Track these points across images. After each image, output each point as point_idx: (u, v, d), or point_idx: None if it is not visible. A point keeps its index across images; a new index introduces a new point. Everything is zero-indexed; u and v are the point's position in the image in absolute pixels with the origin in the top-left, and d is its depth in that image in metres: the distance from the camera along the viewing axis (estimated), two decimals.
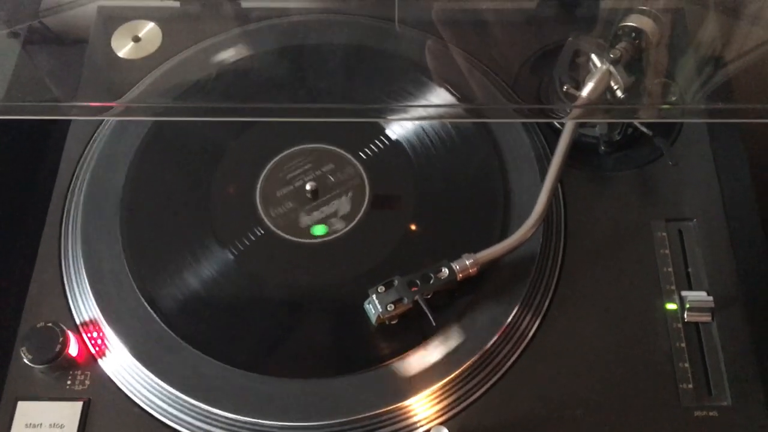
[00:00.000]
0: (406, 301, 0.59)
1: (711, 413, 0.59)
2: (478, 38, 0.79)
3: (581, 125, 0.70)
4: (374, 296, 0.59)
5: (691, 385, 0.60)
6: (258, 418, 0.58)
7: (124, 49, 0.80)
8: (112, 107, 0.74)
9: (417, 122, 0.71)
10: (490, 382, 0.61)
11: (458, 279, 0.60)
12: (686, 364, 0.61)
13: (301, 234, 0.68)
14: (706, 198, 0.69)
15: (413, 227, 0.68)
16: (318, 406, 0.58)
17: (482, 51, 0.78)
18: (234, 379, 0.60)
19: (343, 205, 0.69)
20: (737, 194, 0.69)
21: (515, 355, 0.62)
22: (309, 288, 0.65)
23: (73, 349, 0.62)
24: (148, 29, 0.81)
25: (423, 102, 0.73)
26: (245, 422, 0.59)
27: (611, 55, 0.67)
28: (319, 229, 0.67)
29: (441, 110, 0.73)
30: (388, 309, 0.59)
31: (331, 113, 0.69)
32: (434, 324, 0.59)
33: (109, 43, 0.81)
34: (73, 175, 0.73)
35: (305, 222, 0.68)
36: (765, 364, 0.61)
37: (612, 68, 0.67)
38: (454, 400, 0.60)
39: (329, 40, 0.79)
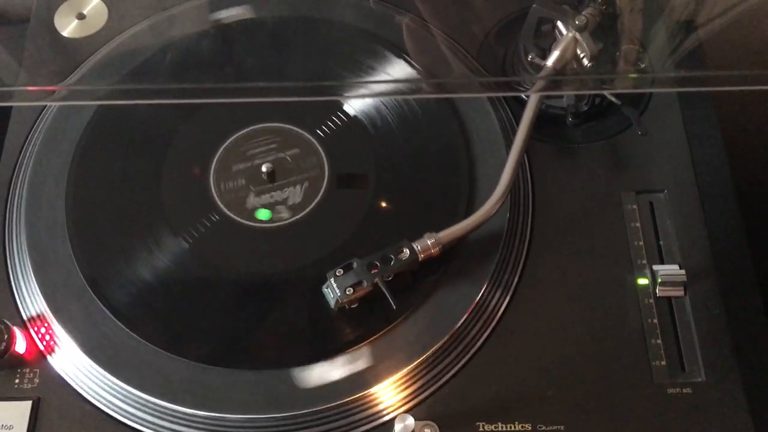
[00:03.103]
0: (365, 283, 0.57)
1: (685, 390, 0.58)
2: (440, 8, 0.76)
3: (547, 96, 0.68)
4: (332, 280, 0.57)
5: (663, 362, 0.59)
6: (216, 412, 0.56)
7: (68, 27, 0.77)
8: (54, 92, 0.70)
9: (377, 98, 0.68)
10: (459, 365, 0.59)
11: (420, 259, 0.58)
12: (658, 341, 0.60)
13: (258, 218, 0.65)
14: (677, 169, 0.67)
15: (376, 207, 0.65)
16: (275, 398, 0.56)
17: (444, 21, 0.75)
18: (190, 372, 0.58)
19: (301, 186, 0.66)
20: (709, 164, 0.67)
21: (484, 336, 0.60)
22: (268, 275, 0.63)
23: (20, 346, 0.59)
24: (93, 5, 0.77)
25: (384, 77, 0.70)
26: (203, 417, 0.56)
27: (577, 22, 0.65)
28: (263, 214, 0.64)
29: (403, 86, 0.70)
30: (347, 293, 0.57)
31: (288, 92, 0.66)
32: (394, 307, 0.57)
33: (52, 21, 0.77)
34: (16, 161, 0.69)
35: (260, 205, 0.65)
36: (739, 338, 0.59)
37: (578, 36, 0.65)
38: (421, 386, 0.58)
39: (287, 13, 0.75)
